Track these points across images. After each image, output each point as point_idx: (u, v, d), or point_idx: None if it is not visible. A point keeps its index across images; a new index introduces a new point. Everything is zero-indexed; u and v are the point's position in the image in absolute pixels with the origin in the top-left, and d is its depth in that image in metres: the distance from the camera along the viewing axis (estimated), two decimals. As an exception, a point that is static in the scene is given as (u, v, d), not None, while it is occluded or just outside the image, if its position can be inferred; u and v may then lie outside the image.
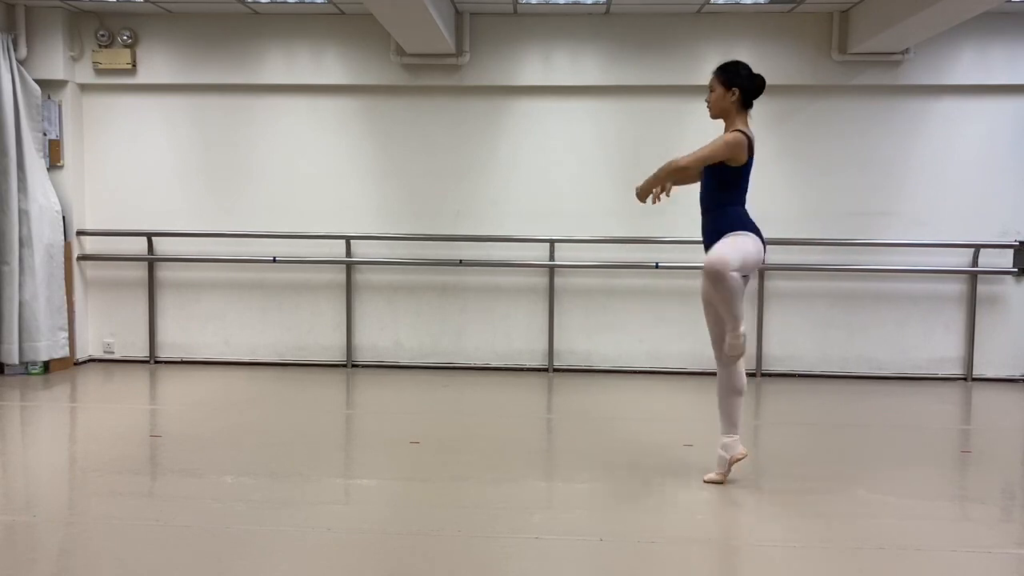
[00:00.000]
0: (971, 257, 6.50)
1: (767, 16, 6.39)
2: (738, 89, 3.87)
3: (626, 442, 4.72)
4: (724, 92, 3.89)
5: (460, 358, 6.81)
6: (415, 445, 4.57)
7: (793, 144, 6.58)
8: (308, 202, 6.77)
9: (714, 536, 3.36)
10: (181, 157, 6.80)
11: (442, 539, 3.30)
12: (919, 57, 6.33)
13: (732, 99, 3.88)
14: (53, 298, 6.40)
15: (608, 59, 6.49)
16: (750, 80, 3.89)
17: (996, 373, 6.61)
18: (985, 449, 4.78)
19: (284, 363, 6.85)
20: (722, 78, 3.91)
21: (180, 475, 4.07)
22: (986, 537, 3.41)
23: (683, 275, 6.62)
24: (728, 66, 3.94)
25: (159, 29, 6.60)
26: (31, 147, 6.25)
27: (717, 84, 3.91)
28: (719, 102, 3.91)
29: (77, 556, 3.21)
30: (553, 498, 3.85)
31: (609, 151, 6.66)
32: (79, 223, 6.75)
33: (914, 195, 6.54)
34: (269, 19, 6.56)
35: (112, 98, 6.76)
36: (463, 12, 6.39)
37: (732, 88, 3.87)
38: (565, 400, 5.93)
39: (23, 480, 4.01)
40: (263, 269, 6.78)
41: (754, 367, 6.63)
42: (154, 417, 5.31)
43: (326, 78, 6.60)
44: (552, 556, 3.18)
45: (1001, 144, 6.48)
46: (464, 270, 6.69)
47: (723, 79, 3.90)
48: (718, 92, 3.91)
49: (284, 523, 3.43)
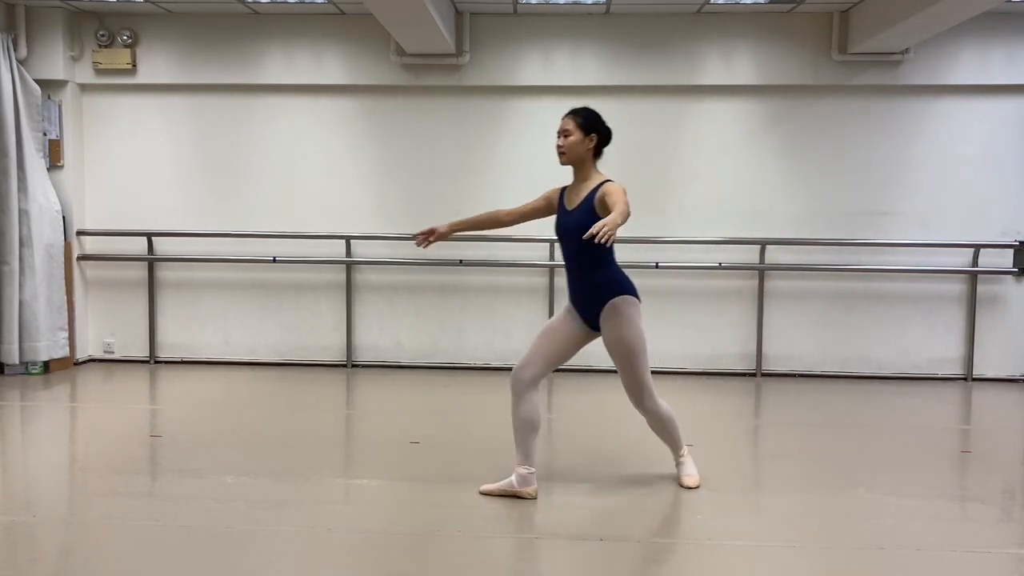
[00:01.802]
0: (971, 257, 6.50)
1: (767, 16, 6.39)
2: (596, 136, 3.68)
3: (626, 442, 4.72)
4: (582, 138, 3.65)
5: (460, 358, 6.81)
6: (415, 445, 4.57)
7: (793, 144, 6.58)
8: (308, 202, 6.77)
9: (714, 536, 3.36)
10: (181, 157, 6.80)
11: (442, 539, 3.30)
12: (919, 57, 6.33)
13: (589, 146, 3.67)
14: (53, 298, 6.40)
15: (608, 59, 6.49)
16: (608, 129, 3.72)
17: (996, 373, 6.61)
18: (985, 449, 4.78)
19: (284, 363, 6.85)
20: (580, 122, 3.66)
21: (180, 475, 4.07)
22: (986, 537, 3.41)
23: (683, 275, 6.62)
24: (584, 111, 3.71)
25: (159, 29, 6.61)
26: (31, 147, 6.25)
27: (575, 129, 3.65)
28: (576, 147, 3.65)
29: (77, 556, 3.21)
30: (553, 498, 3.85)
31: (609, 151, 6.61)
32: (79, 223, 6.75)
33: (914, 195, 6.54)
34: (269, 19, 6.56)
35: (112, 98, 6.76)
36: (463, 12, 6.39)
37: (591, 134, 3.66)
38: (565, 400, 5.93)
39: (23, 480, 4.01)
40: (263, 269, 6.78)
41: (754, 367, 6.64)
42: (154, 417, 5.31)
43: (326, 78, 6.60)
44: (552, 556, 3.18)
45: (1001, 144, 6.48)
46: (464, 270, 6.69)
47: (581, 124, 3.66)
48: (576, 137, 3.65)
49: (284, 523, 3.43)
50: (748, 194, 6.60)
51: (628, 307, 3.64)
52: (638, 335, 3.65)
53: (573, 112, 3.71)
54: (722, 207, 6.60)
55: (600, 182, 3.65)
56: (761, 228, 6.59)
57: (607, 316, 3.64)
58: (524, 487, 3.74)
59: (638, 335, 3.65)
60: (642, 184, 6.64)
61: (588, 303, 3.70)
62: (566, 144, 3.67)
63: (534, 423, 3.73)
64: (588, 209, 3.60)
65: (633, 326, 3.64)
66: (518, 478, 3.74)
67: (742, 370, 6.68)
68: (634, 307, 3.66)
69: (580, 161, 3.70)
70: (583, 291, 3.72)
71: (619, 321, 3.63)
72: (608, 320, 3.65)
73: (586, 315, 3.74)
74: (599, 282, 3.66)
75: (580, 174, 3.73)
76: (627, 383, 3.77)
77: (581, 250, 3.63)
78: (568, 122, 3.69)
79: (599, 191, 3.59)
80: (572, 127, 3.67)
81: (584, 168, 3.71)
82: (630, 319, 3.64)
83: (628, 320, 3.64)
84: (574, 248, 3.68)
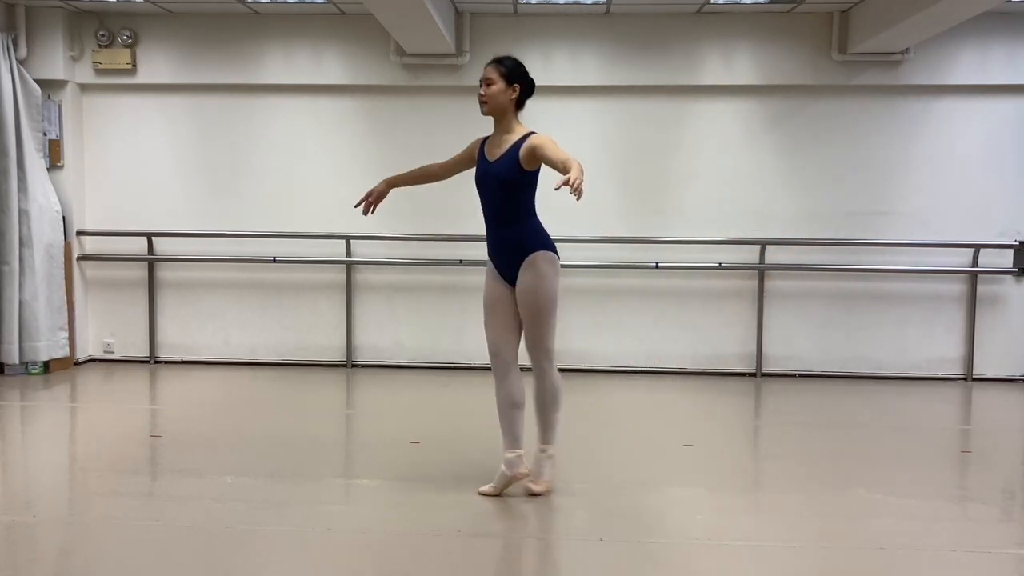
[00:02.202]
0: (971, 257, 6.50)
1: (767, 16, 6.39)
2: (519, 87, 3.62)
3: (626, 442, 4.72)
4: (505, 87, 3.58)
5: (460, 358, 6.80)
6: (415, 445, 4.57)
7: (793, 144, 6.58)
8: (308, 202, 6.76)
9: (714, 536, 3.36)
10: (181, 157, 6.80)
11: (442, 539, 3.30)
12: (919, 57, 6.33)
13: (512, 96, 3.61)
14: (53, 298, 6.40)
15: (608, 59, 6.49)
16: (531, 80, 3.67)
17: (996, 373, 6.60)
18: (985, 449, 4.78)
19: (284, 363, 6.85)
20: (503, 72, 3.59)
21: (180, 475, 4.07)
22: (986, 537, 3.41)
23: (683, 275, 6.62)
24: (508, 60, 3.64)
25: (159, 29, 6.60)
26: (31, 147, 6.25)
27: (498, 77, 3.58)
28: (498, 97, 3.58)
29: (77, 556, 3.21)
30: (553, 498, 3.85)
31: (609, 151, 6.65)
32: (79, 223, 6.75)
33: (914, 195, 6.54)
34: (269, 19, 6.56)
35: (112, 98, 6.75)
36: (463, 12, 6.39)
37: (514, 84, 3.60)
38: (565, 400, 5.91)
39: (23, 480, 4.01)
40: (263, 269, 6.78)
41: (754, 367, 6.64)
42: (154, 417, 5.31)
43: (326, 78, 6.60)
44: (552, 556, 3.18)
45: (1001, 144, 6.48)
46: (464, 270, 6.69)
47: (505, 73, 3.59)
48: (499, 86, 3.58)
49: (284, 523, 3.43)
50: (748, 194, 6.60)
51: (546, 263, 3.61)
52: (552, 293, 3.61)
53: (496, 61, 3.65)
54: (722, 207, 6.60)
55: (524, 134, 3.61)
56: (761, 228, 6.58)
57: (524, 268, 3.60)
58: (514, 470, 3.71)
59: (552, 293, 3.61)
60: (642, 184, 6.67)
61: (509, 256, 3.64)
62: (488, 93, 3.61)
63: (517, 402, 3.73)
64: (511, 161, 3.57)
65: (547, 282, 3.60)
66: (506, 463, 3.73)
67: (742, 370, 6.68)
68: (552, 264, 3.62)
69: (502, 111, 3.63)
70: (505, 246, 3.66)
71: (535, 274, 3.59)
72: (525, 272, 3.61)
73: (506, 270, 3.68)
74: (520, 235, 3.62)
75: (501, 125, 3.67)
76: (530, 340, 3.69)
77: (502, 202, 3.61)
78: (491, 71, 3.61)
79: (526, 143, 3.54)
80: (495, 76, 3.60)
81: (506, 119, 3.65)
82: (546, 275, 3.60)
83: (544, 275, 3.59)
84: (496, 201, 3.63)
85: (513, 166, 3.56)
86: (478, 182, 3.74)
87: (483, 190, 3.71)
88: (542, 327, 3.65)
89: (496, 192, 3.62)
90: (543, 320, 3.64)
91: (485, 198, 3.71)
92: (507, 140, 3.64)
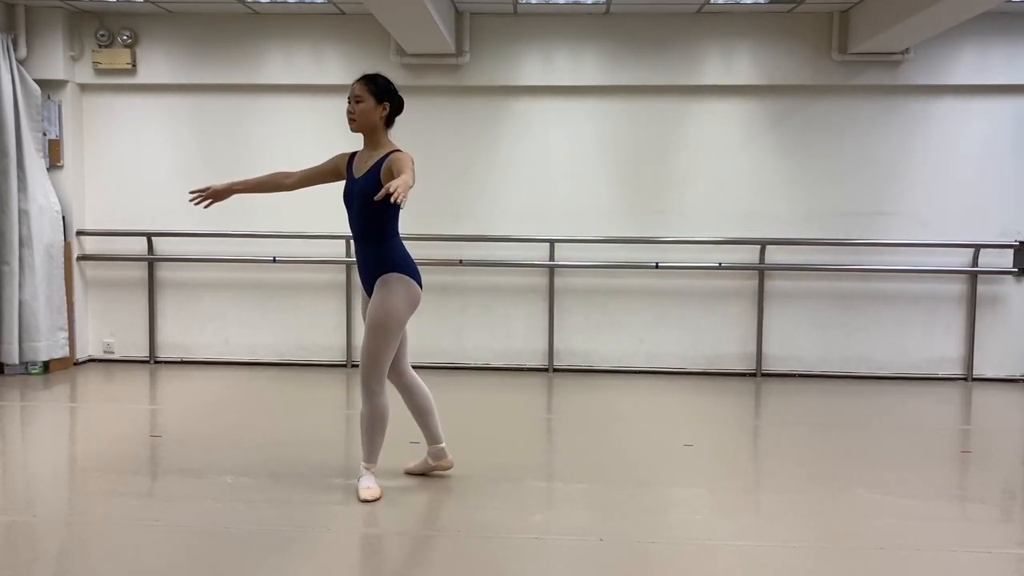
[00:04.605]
0: (971, 257, 6.50)
1: (767, 16, 6.39)
2: (389, 105, 3.63)
3: (626, 442, 4.72)
4: (375, 105, 3.60)
5: (460, 358, 6.80)
6: (414, 445, 4.56)
7: (793, 144, 6.58)
8: (308, 202, 6.71)
9: (714, 536, 3.36)
10: (181, 157, 6.80)
11: (443, 539, 3.30)
12: (919, 57, 6.34)
13: (382, 114, 3.62)
14: (53, 298, 6.40)
15: (608, 59, 6.49)
16: (399, 99, 3.69)
17: (996, 373, 6.61)
18: (985, 449, 4.78)
19: (284, 363, 6.85)
20: (373, 89, 3.61)
21: (180, 475, 4.07)
22: (986, 537, 3.41)
23: (683, 275, 6.63)
24: (378, 78, 3.66)
25: (159, 29, 6.61)
26: (31, 147, 6.25)
27: (368, 95, 3.59)
28: (368, 115, 3.60)
29: (77, 556, 3.21)
30: (553, 498, 3.85)
31: (609, 151, 6.66)
32: (79, 223, 6.75)
33: (914, 195, 6.54)
34: (269, 19, 6.56)
35: (112, 98, 6.76)
36: (463, 12, 6.39)
37: (383, 103, 3.61)
38: (565, 400, 5.93)
39: (23, 480, 4.01)
40: (263, 269, 6.78)
41: (754, 367, 6.64)
42: (154, 417, 5.31)
43: (326, 78, 6.60)
44: (552, 556, 3.18)
45: (1001, 144, 6.48)
46: (464, 270, 6.69)
47: (375, 91, 3.60)
48: (368, 104, 3.59)
49: (284, 523, 3.43)
50: (748, 194, 6.60)
51: (398, 284, 3.59)
52: (396, 314, 3.57)
53: (366, 78, 3.65)
54: (722, 207, 6.60)
55: (389, 151, 3.61)
56: (761, 228, 6.59)
57: (379, 286, 3.60)
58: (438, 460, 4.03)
59: (396, 314, 3.57)
60: (642, 184, 6.67)
61: (370, 270, 3.65)
62: (357, 111, 3.61)
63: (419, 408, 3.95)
64: (373, 177, 3.56)
65: (393, 303, 3.57)
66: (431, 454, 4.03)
67: (742, 370, 6.68)
68: (404, 287, 3.59)
69: (371, 129, 3.64)
70: (368, 263, 3.66)
71: (383, 292, 3.58)
72: (377, 291, 3.61)
73: (367, 284, 3.69)
74: (382, 255, 3.62)
75: (370, 142, 3.68)
76: (363, 358, 3.63)
77: (365, 220, 3.60)
78: (361, 89, 3.61)
79: (387, 160, 3.55)
80: (365, 94, 3.60)
81: (375, 136, 3.66)
82: (394, 294, 3.57)
83: (392, 295, 3.57)
84: (360, 217, 3.62)
85: (374, 181, 3.55)
86: (345, 197, 3.73)
87: (349, 206, 3.71)
88: (376, 345, 3.58)
89: (360, 208, 3.60)
90: (379, 339, 3.58)
91: (351, 214, 3.70)
92: (373, 156, 3.64)
